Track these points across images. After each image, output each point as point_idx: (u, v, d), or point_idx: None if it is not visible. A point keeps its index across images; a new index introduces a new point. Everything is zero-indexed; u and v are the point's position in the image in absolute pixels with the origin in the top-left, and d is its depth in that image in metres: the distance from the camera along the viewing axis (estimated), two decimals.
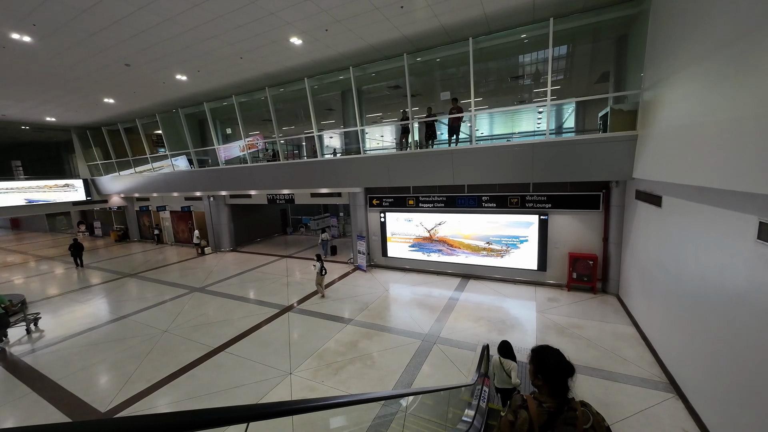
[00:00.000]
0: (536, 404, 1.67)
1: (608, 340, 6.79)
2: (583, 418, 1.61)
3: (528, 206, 9.80)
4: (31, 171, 18.82)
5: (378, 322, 8.13)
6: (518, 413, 1.69)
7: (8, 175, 17.63)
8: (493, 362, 4.54)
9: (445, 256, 11.28)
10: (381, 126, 9.93)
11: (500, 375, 4.41)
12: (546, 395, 1.73)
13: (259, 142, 13.42)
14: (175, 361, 6.80)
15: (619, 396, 5.15)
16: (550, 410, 1.64)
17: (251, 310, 9.25)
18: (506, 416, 1.73)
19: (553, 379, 1.73)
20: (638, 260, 7.28)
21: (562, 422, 1.61)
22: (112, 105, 13.57)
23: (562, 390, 1.71)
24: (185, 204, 18.03)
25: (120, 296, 11.00)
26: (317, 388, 5.76)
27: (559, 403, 1.67)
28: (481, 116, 13.90)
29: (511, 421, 1.69)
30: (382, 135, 15.48)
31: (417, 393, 3.84)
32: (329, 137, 15.19)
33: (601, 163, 7.45)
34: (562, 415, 1.63)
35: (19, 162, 18.81)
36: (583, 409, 1.66)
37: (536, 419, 1.61)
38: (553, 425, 1.61)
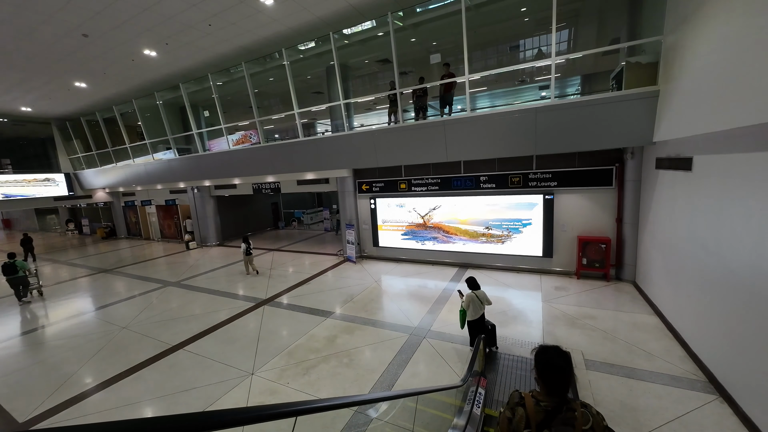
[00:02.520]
0: (533, 402, 1.61)
1: (628, 332, 5.79)
2: (583, 419, 1.53)
3: (531, 185, 8.79)
4: (15, 166, 18.07)
5: (362, 315, 7.18)
6: (516, 410, 1.64)
7: None
8: (469, 296, 5.32)
9: (441, 244, 10.30)
10: (366, 99, 8.95)
11: (476, 307, 5.27)
12: (544, 394, 1.65)
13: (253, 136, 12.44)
14: (123, 361, 5.90)
15: (648, 398, 4.16)
16: (548, 409, 1.58)
17: (224, 304, 8.34)
18: (504, 413, 1.70)
19: (547, 378, 1.64)
20: (661, 241, 6.26)
21: (560, 422, 1.55)
22: (85, 90, 12.75)
23: (559, 389, 1.62)
24: (170, 197, 17.18)
25: (85, 292, 10.15)
26: (279, 391, 4.82)
27: (557, 402, 1.59)
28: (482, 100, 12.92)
29: (509, 418, 1.65)
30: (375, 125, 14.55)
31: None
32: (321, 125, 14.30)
33: (616, 129, 6.43)
34: (561, 415, 1.56)
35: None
36: (583, 410, 1.57)
37: (533, 417, 1.57)
38: (551, 424, 1.55)
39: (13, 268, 9.44)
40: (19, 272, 9.53)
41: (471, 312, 5.29)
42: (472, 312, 5.28)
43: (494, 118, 7.31)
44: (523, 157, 8.77)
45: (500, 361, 5.16)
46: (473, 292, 5.32)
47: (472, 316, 5.29)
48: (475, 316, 5.29)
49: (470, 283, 5.44)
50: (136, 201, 18.85)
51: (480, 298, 5.29)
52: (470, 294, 5.32)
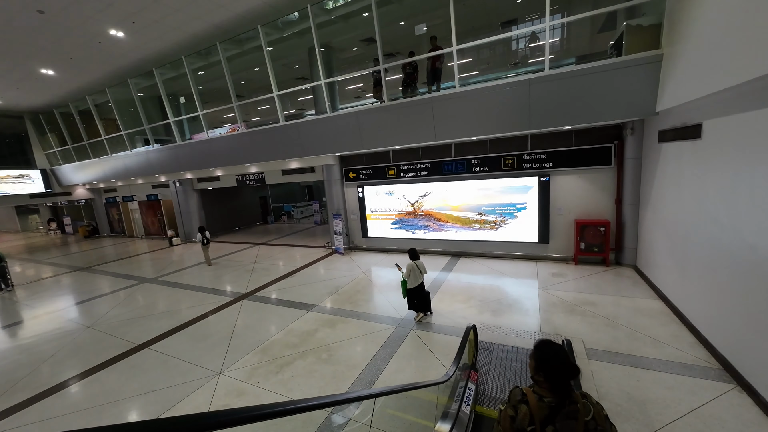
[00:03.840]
0: (536, 398, 1.53)
1: (631, 318, 5.35)
2: (584, 410, 1.49)
3: (526, 167, 8.30)
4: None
5: (346, 307, 6.68)
6: (518, 408, 1.57)
7: None
8: (410, 266, 5.63)
9: (432, 232, 9.81)
10: (349, 77, 8.35)
11: (416, 275, 5.60)
12: (547, 391, 1.56)
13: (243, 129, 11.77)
14: (82, 363, 5.35)
15: (658, 389, 3.70)
16: (551, 405, 1.51)
17: (201, 299, 7.79)
18: (506, 411, 1.61)
19: (556, 380, 1.54)
20: (665, 220, 5.80)
21: (564, 416, 1.49)
22: (54, 79, 12.01)
23: (565, 388, 1.53)
24: (152, 192, 16.51)
25: (54, 291, 9.53)
26: (247, 392, 4.31)
27: (560, 398, 1.52)
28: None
29: (512, 416, 1.57)
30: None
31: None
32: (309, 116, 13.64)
33: (616, 100, 5.94)
34: (564, 409, 1.50)
35: None
36: (584, 401, 1.54)
37: (537, 413, 1.50)
38: (554, 420, 1.49)
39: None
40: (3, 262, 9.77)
41: (411, 280, 5.63)
42: (412, 280, 5.63)
43: (485, 92, 6.79)
44: (517, 137, 8.28)
45: (494, 353, 4.69)
46: (414, 262, 5.66)
47: (413, 284, 5.64)
48: (415, 284, 5.64)
49: (411, 254, 5.82)
50: (118, 197, 18.13)
51: (419, 267, 5.66)
52: (411, 264, 5.66)
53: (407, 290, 5.70)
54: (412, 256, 5.79)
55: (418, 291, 5.69)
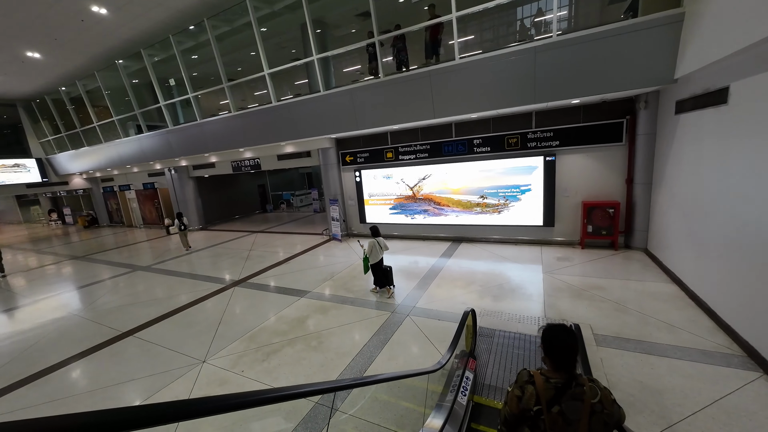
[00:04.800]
0: (543, 380, 1.53)
1: (643, 302, 4.99)
2: (591, 392, 1.46)
3: (530, 146, 7.84)
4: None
5: (340, 293, 6.38)
6: (525, 388, 1.56)
7: None
8: (371, 243, 5.92)
9: (432, 216, 9.43)
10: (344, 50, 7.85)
11: (376, 252, 5.91)
12: (552, 371, 1.56)
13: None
14: (63, 351, 5.13)
15: (675, 378, 3.37)
16: (558, 385, 1.50)
17: (193, 286, 7.55)
18: (513, 391, 1.60)
19: (554, 354, 1.56)
20: (682, 199, 5.37)
21: (570, 397, 1.46)
22: (42, 63, 11.63)
23: (566, 364, 1.53)
24: (148, 180, 16.24)
25: (45, 279, 9.35)
26: (230, 380, 4.05)
27: (566, 378, 1.51)
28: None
29: (519, 396, 1.56)
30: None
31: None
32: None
33: (630, 67, 5.44)
34: (570, 390, 1.48)
35: None
36: (591, 384, 1.50)
37: (543, 394, 1.49)
38: (560, 400, 1.47)
39: None
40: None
41: (373, 257, 5.90)
42: (374, 256, 5.91)
43: (486, 63, 6.30)
44: (521, 114, 7.81)
45: (494, 339, 4.38)
46: (375, 239, 5.97)
47: (374, 260, 5.93)
48: (376, 260, 5.94)
49: (373, 231, 6.14)
50: (115, 186, 17.91)
51: (380, 244, 5.98)
52: (372, 241, 5.96)
53: (370, 266, 5.98)
54: (374, 233, 6.10)
55: (379, 266, 6.00)
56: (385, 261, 6.47)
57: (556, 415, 1.44)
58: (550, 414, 1.44)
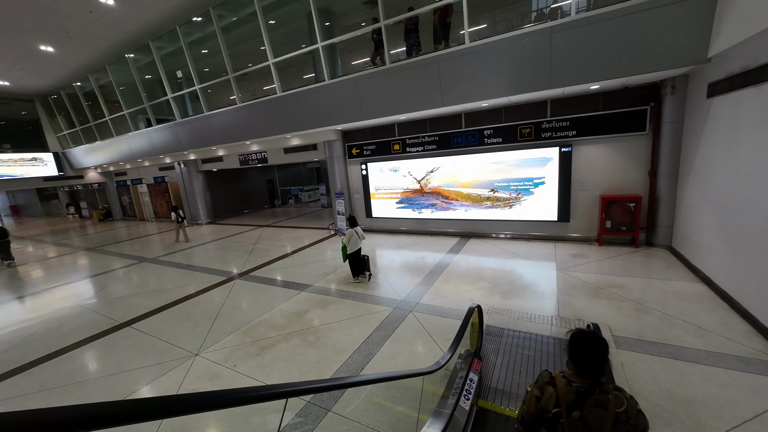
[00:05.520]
0: (565, 382, 1.47)
1: (667, 302, 4.57)
2: (616, 401, 1.38)
3: (545, 137, 7.42)
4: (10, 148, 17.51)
5: (341, 287, 6.15)
6: (545, 389, 1.50)
7: None
8: (350, 232, 6.09)
9: (440, 211, 9.10)
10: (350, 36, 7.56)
11: (355, 241, 6.09)
12: (574, 374, 1.49)
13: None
14: (60, 341, 5.07)
15: (708, 387, 2.99)
16: (580, 390, 1.43)
17: (195, 278, 7.46)
18: (532, 391, 1.54)
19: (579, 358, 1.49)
20: (715, 192, 4.90)
21: (593, 403, 1.39)
22: (55, 57, 11.79)
23: (592, 371, 1.45)
24: (158, 174, 16.41)
25: (52, 270, 9.46)
26: (221, 375, 3.86)
27: (590, 384, 1.43)
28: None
29: (537, 397, 1.51)
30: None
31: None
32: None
33: (656, 46, 4.98)
34: (593, 396, 1.41)
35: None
36: (617, 392, 1.42)
37: (563, 397, 1.43)
38: (582, 405, 1.40)
39: (4, 232, 10.34)
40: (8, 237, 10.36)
41: (351, 246, 6.09)
42: (352, 245, 6.10)
43: (498, 46, 5.93)
44: (535, 103, 7.39)
45: (503, 339, 4.06)
46: (353, 229, 6.15)
47: (352, 249, 6.13)
48: (354, 249, 6.15)
49: (351, 221, 6.31)
50: (128, 180, 18.19)
51: (358, 233, 6.19)
52: (350, 230, 6.15)
53: (347, 255, 6.13)
54: (352, 223, 6.28)
55: (357, 255, 6.22)
56: (390, 256, 6.26)
57: (577, 420, 1.39)
58: (570, 418, 1.40)
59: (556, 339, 3.94)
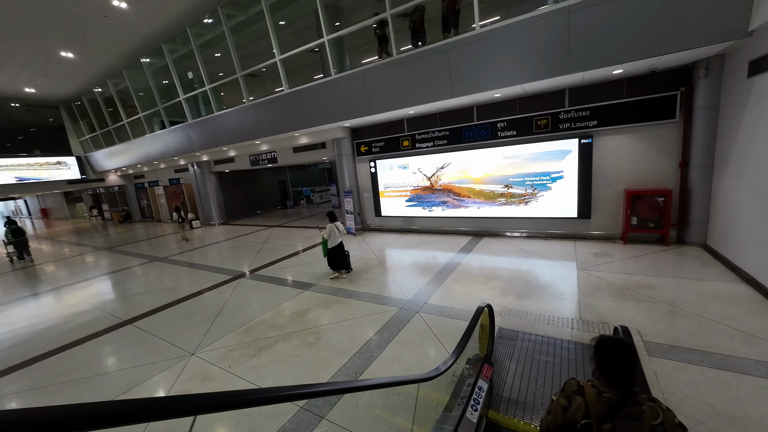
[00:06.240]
0: (595, 392, 1.36)
1: (705, 305, 4.07)
2: (651, 413, 1.26)
3: (563, 128, 6.96)
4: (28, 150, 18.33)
5: (347, 287, 5.90)
6: (573, 399, 1.40)
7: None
8: (330, 227, 6.16)
9: (451, 209, 8.73)
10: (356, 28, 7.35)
11: (335, 236, 6.16)
12: (604, 384, 1.37)
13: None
14: (62, 338, 5.03)
15: (762, 402, 2.54)
16: (611, 401, 1.32)
17: (202, 277, 7.39)
18: (558, 400, 1.44)
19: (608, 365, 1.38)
20: (760, 182, 4.37)
21: (625, 416, 1.28)
22: (76, 62, 12.19)
23: (621, 380, 1.34)
24: (174, 176, 16.72)
25: (69, 268, 9.66)
26: (214, 376, 3.67)
27: (621, 395, 1.32)
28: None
29: (564, 407, 1.40)
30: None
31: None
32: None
33: (688, 20, 4.51)
34: (626, 408, 1.29)
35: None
36: (651, 404, 1.29)
37: (593, 408, 1.32)
38: (614, 418, 1.29)
39: (20, 231, 10.95)
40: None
41: (331, 240, 6.13)
42: (332, 240, 6.14)
43: (511, 30, 5.57)
44: (552, 92, 6.96)
45: (517, 343, 3.69)
46: (333, 224, 6.19)
47: (332, 243, 6.16)
48: (334, 244, 6.18)
49: (330, 217, 6.40)
50: (145, 183, 18.65)
51: (338, 228, 6.21)
52: (331, 225, 6.18)
53: (328, 250, 6.19)
54: (331, 218, 6.34)
55: (337, 250, 6.24)
56: (398, 255, 5.97)
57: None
58: (601, 431, 1.30)
59: (578, 344, 3.54)
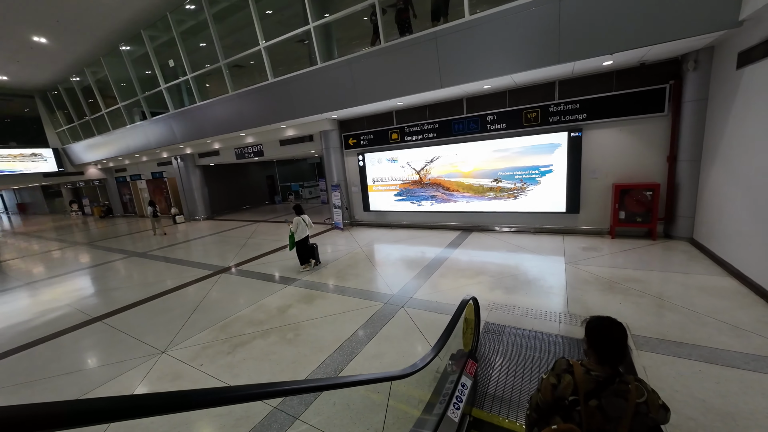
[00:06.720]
0: (583, 370, 1.42)
1: (693, 298, 4.02)
2: (637, 392, 1.33)
3: (552, 121, 6.87)
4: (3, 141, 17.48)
5: (331, 281, 5.71)
6: (562, 377, 1.45)
7: None
8: (297, 220, 6.25)
9: (440, 203, 8.60)
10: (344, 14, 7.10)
11: (302, 229, 6.25)
12: (594, 363, 1.44)
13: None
14: (20, 338, 4.71)
15: (754, 397, 2.46)
16: (599, 379, 1.38)
17: (180, 272, 7.10)
18: (548, 379, 1.49)
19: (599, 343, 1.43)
20: (748, 175, 4.34)
21: (612, 393, 1.34)
22: (50, 49, 11.58)
23: (613, 358, 1.40)
24: (156, 170, 16.19)
25: (41, 264, 9.21)
26: (185, 375, 3.44)
27: (609, 373, 1.39)
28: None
29: (554, 384, 1.46)
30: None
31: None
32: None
33: (679, 10, 4.43)
34: (613, 386, 1.35)
35: None
36: (637, 383, 1.37)
37: (581, 385, 1.38)
38: (600, 394, 1.35)
39: None
40: None
41: (298, 233, 6.18)
42: (299, 233, 6.18)
43: (500, 18, 5.42)
44: (542, 84, 6.86)
45: (503, 337, 3.56)
46: (300, 217, 6.27)
47: (300, 236, 6.20)
48: (301, 236, 6.22)
49: (297, 210, 6.42)
50: (127, 177, 18.04)
51: (305, 221, 6.31)
52: (298, 218, 6.26)
53: (295, 243, 6.21)
54: (298, 211, 6.38)
55: (305, 243, 6.29)
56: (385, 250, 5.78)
57: (594, 409, 1.35)
58: (587, 407, 1.36)
59: (566, 338, 3.44)
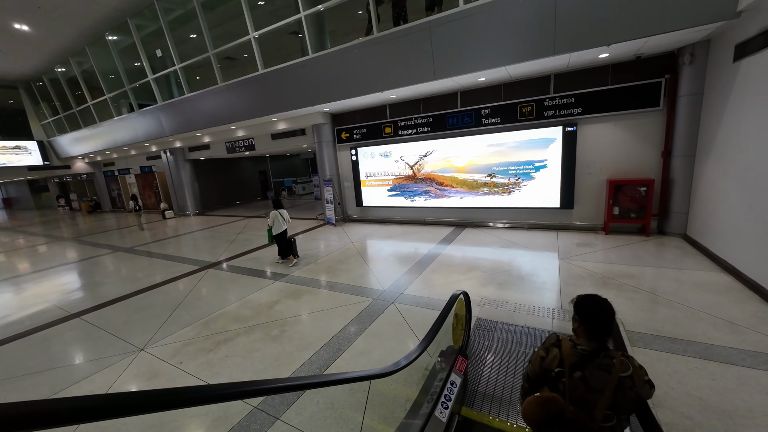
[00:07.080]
0: (570, 345, 1.49)
1: (687, 294, 3.96)
2: (621, 366, 1.37)
3: (547, 115, 6.78)
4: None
5: (320, 277, 5.56)
6: (550, 350, 1.53)
7: None
8: (273, 214, 6.25)
9: (434, 198, 8.48)
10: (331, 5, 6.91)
11: (279, 223, 6.24)
12: (583, 338, 1.50)
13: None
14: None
15: (751, 394, 2.38)
16: (584, 353, 1.43)
17: (167, 268, 6.89)
18: (538, 352, 1.59)
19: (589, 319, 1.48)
20: (743, 170, 4.28)
21: (596, 366, 1.39)
22: (32, 37, 11.17)
23: (601, 333, 1.45)
24: (145, 164, 15.84)
25: (24, 259, 8.92)
26: (162, 373, 3.28)
27: (595, 348, 1.44)
28: None
29: (542, 357, 1.55)
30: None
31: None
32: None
33: (676, 1, 4.34)
34: (597, 359, 1.40)
35: None
36: (624, 359, 1.40)
37: (567, 358, 1.45)
38: (585, 367, 1.40)
39: None
40: None
41: (275, 227, 6.18)
42: (276, 227, 6.18)
43: (497, 7, 5.28)
44: (537, 78, 6.75)
45: (495, 333, 3.46)
46: (277, 211, 6.26)
47: (277, 230, 6.21)
48: (279, 230, 6.22)
49: (275, 204, 6.43)
50: (115, 170, 17.63)
51: (282, 215, 6.28)
52: (275, 212, 6.24)
53: (273, 236, 6.25)
54: (276, 205, 6.39)
55: (282, 237, 6.27)
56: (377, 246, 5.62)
57: (578, 380, 1.39)
58: (572, 378, 1.40)
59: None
